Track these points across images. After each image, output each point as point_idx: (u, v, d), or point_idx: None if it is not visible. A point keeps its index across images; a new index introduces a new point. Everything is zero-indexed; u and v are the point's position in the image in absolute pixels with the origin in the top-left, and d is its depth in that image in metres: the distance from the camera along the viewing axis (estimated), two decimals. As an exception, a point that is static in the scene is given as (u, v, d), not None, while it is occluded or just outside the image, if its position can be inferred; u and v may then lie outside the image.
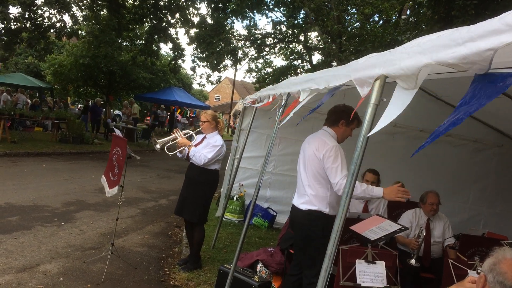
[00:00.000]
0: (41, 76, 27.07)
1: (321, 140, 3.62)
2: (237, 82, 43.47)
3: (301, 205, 3.68)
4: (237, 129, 7.79)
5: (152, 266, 5.23)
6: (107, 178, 5.03)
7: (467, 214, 7.07)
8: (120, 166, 4.71)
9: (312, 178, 3.63)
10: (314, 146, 3.66)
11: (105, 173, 5.16)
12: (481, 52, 1.14)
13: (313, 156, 3.63)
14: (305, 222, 3.66)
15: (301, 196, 3.73)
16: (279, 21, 20.93)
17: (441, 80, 2.91)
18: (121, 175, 4.69)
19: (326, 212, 3.57)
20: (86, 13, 18.93)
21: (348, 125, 3.70)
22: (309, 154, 3.71)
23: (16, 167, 10.11)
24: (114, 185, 4.78)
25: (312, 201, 3.60)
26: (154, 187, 10.30)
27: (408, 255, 4.50)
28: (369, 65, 1.83)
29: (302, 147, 3.94)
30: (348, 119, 3.63)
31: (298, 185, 3.87)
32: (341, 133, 3.72)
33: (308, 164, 3.71)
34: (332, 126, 3.74)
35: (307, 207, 3.62)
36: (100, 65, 20.59)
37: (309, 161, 3.69)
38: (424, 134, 6.58)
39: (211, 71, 20.42)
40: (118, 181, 4.72)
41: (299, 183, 3.85)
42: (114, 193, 4.78)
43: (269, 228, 7.45)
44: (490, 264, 1.92)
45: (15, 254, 4.88)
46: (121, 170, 4.67)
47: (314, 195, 3.60)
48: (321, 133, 3.76)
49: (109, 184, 4.93)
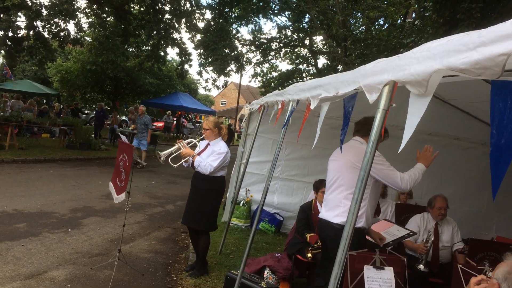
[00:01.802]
0: (48, 82, 27.29)
1: (359, 149, 3.53)
2: (243, 86, 43.52)
3: (335, 218, 3.57)
4: (243, 134, 7.78)
5: (159, 272, 5.22)
6: (115, 185, 5.04)
7: (480, 220, 6.92)
8: (126, 172, 4.71)
9: (349, 189, 3.52)
10: (350, 155, 3.57)
11: (112, 180, 5.16)
12: (493, 57, 1.12)
13: (351, 166, 3.54)
14: (338, 237, 3.57)
15: (334, 208, 3.62)
16: (284, 26, 20.99)
17: (447, 84, 2.89)
18: (127, 181, 4.69)
19: (361, 224, 3.50)
20: (92, 20, 19.08)
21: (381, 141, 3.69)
22: (345, 164, 3.61)
23: (24, 173, 10.16)
24: (122, 191, 4.78)
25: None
26: (161, 193, 10.31)
27: (417, 260, 4.46)
28: (377, 70, 1.82)
29: (333, 158, 3.85)
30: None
31: (329, 198, 3.76)
32: None
33: (344, 175, 3.61)
34: (365, 136, 3.67)
35: (342, 220, 3.50)
36: (107, 71, 20.73)
37: (346, 171, 3.59)
38: (432, 138, 6.54)
39: (217, 76, 20.50)
40: (125, 187, 4.72)
41: (330, 195, 3.74)
42: (122, 199, 4.78)
43: (276, 233, 7.43)
44: (505, 273, 1.85)
45: (22, 261, 4.89)
46: (128, 176, 4.68)
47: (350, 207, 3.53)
48: (355, 143, 3.70)
49: (117, 190, 4.93)
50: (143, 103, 23.93)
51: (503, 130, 1.19)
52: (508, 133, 1.18)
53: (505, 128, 1.18)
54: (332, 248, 3.61)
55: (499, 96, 1.21)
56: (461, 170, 6.78)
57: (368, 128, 3.64)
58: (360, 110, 3.68)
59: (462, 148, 6.73)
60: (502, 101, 1.20)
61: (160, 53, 20.24)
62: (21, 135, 15.39)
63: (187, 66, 25.80)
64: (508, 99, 1.18)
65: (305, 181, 7.32)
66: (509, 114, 1.17)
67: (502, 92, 1.20)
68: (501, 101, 1.21)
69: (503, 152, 1.21)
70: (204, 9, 19.01)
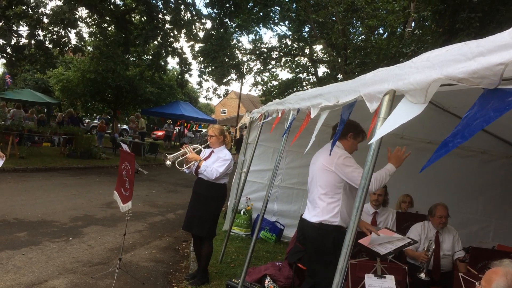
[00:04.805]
0: (49, 91, 27.38)
1: (336, 153, 3.62)
2: (243, 95, 43.68)
3: (312, 218, 3.69)
4: (244, 143, 7.79)
5: (160, 281, 5.21)
6: (119, 194, 5.05)
7: (476, 226, 6.98)
8: (130, 180, 4.73)
9: (322, 190, 3.67)
10: (322, 158, 3.70)
11: (117, 189, 5.17)
12: (491, 66, 1.14)
13: (322, 168, 3.68)
14: (316, 235, 3.66)
15: (312, 209, 3.75)
16: (285, 35, 21.10)
17: (447, 92, 2.92)
18: (132, 189, 4.71)
19: (337, 223, 3.58)
20: (93, 29, 19.19)
21: (355, 138, 3.77)
22: (318, 167, 3.74)
23: (25, 182, 10.17)
24: (127, 200, 4.79)
25: (323, 213, 3.62)
26: (161, 201, 10.31)
27: (418, 268, 4.45)
28: (377, 80, 1.84)
29: (312, 162, 3.96)
30: (356, 132, 3.68)
31: (309, 199, 3.89)
32: (349, 146, 3.76)
33: (318, 177, 3.75)
34: (341, 139, 3.76)
35: (317, 219, 3.64)
36: (107, 80, 20.80)
37: (319, 173, 3.73)
38: (432, 146, 6.55)
39: (217, 85, 20.57)
40: (130, 196, 4.73)
41: (309, 197, 3.87)
42: (128, 207, 4.79)
43: (276, 241, 7.41)
44: (505, 287, 1.81)
45: (23, 270, 4.88)
46: (132, 184, 4.69)
47: (325, 206, 3.62)
48: (329, 146, 3.78)
49: (122, 199, 4.94)
50: (144, 112, 24.06)
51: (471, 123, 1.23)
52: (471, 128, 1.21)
53: (473, 121, 1.22)
54: (311, 245, 3.77)
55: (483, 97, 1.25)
56: (460, 178, 6.79)
57: (344, 132, 3.71)
58: (361, 118, 3.71)
59: (461, 157, 6.74)
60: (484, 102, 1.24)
61: (161, 62, 20.35)
62: (22, 144, 15.41)
63: (187, 76, 25.82)
64: (490, 100, 1.21)
65: (305, 189, 7.30)
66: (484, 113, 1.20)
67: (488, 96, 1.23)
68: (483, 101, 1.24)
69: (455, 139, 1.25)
70: (204, 18, 19.12)
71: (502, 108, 1.15)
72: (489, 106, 1.20)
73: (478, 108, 1.26)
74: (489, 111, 1.19)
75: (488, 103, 1.22)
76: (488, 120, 1.17)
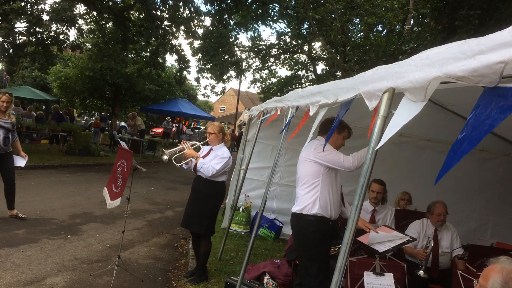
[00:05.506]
0: (47, 89, 27.32)
1: (311, 143, 3.78)
2: (242, 92, 43.59)
3: (294, 208, 3.85)
4: (243, 140, 7.79)
5: (159, 278, 5.21)
6: (109, 190, 5.02)
7: (474, 224, 7.00)
8: (124, 178, 4.70)
9: (302, 181, 3.84)
10: (305, 152, 3.84)
11: (108, 185, 5.14)
12: (491, 65, 1.14)
13: (303, 161, 3.86)
14: (297, 225, 3.83)
15: (296, 201, 3.91)
16: (283, 32, 21.07)
17: (446, 90, 2.91)
18: (124, 187, 4.69)
19: (315, 211, 3.68)
20: (91, 26, 19.13)
21: (340, 133, 3.87)
22: (300, 160, 3.92)
23: (23, 179, 10.14)
24: (117, 197, 4.76)
25: (303, 202, 3.76)
26: (160, 199, 10.30)
27: (416, 266, 4.46)
28: (377, 78, 1.83)
29: (299, 159, 4.07)
30: (340, 126, 3.81)
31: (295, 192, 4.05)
32: (333, 141, 3.84)
33: (298, 169, 3.92)
34: (324, 135, 3.89)
35: (298, 208, 3.79)
36: (106, 78, 20.76)
37: (299, 166, 3.91)
38: (431, 144, 6.56)
39: (215, 82, 20.55)
40: (121, 193, 4.70)
41: (296, 190, 4.02)
42: (116, 205, 4.76)
43: (275, 239, 7.42)
44: (502, 283, 1.78)
45: (22, 268, 4.88)
46: (125, 182, 4.67)
47: (304, 195, 3.77)
48: (314, 141, 3.92)
49: (111, 196, 4.91)
50: (142, 109, 24.01)
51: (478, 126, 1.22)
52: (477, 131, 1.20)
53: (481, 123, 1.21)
54: (295, 235, 3.97)
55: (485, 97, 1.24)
56: (458, 175, 6.78)
57: (327, 127, 3.77)
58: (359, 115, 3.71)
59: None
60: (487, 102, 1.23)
61: (159, 59, 20.32)
62: (20, 141, 15.36)
63: (186, 73, 25.78)
64: (493, 101, 1.20)
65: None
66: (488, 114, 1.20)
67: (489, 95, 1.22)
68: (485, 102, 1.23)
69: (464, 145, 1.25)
70: (203, 15, 19.09)
71: (507, 107, 1.14)
72: (493, 106, 1.19)
73: (482, 109, 1.24)
74: (493, 112, 1.18)
75: (490, 104, 1.21)
76: (493, 124, 1.16)
